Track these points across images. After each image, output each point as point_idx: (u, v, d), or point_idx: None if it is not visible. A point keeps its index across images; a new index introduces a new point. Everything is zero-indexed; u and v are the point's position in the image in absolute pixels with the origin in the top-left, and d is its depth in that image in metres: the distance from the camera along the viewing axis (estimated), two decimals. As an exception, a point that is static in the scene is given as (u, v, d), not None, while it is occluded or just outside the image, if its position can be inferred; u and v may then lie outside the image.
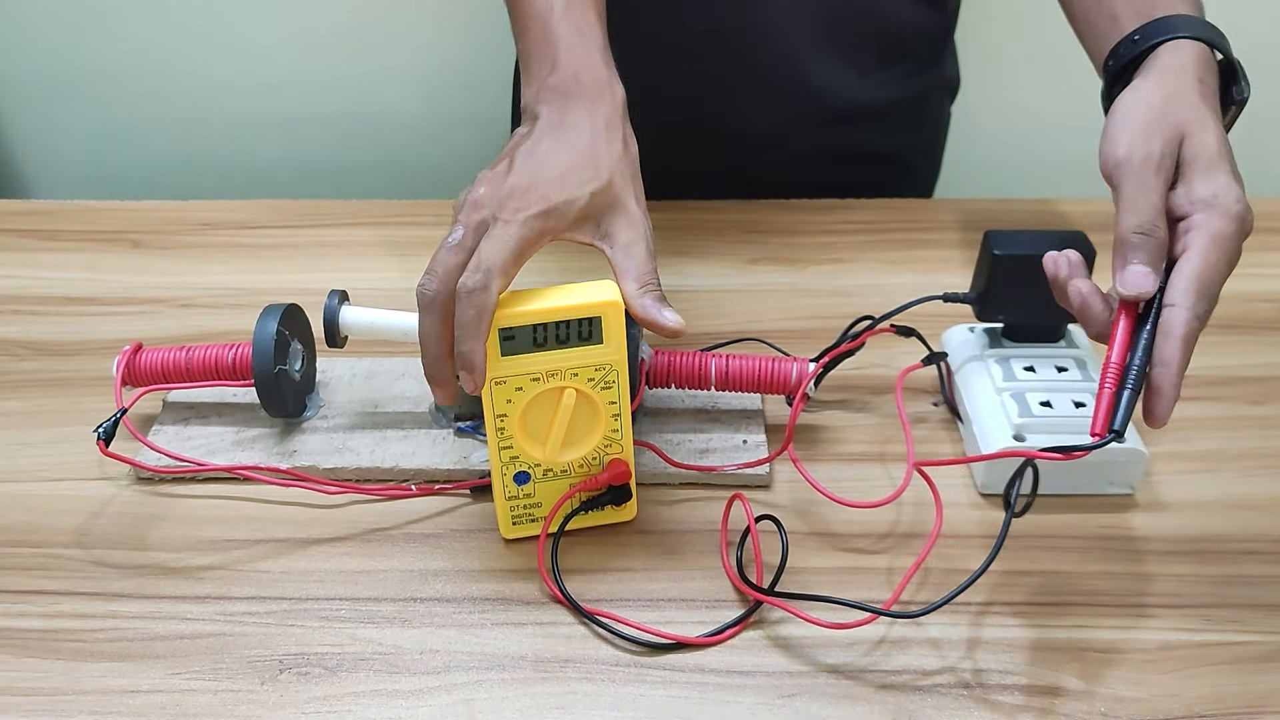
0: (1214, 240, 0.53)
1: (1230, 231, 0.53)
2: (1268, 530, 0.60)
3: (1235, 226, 0.53)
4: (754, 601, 0.55)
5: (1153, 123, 0.57)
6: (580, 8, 0.62)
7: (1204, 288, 0.52)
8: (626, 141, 0.59)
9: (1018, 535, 0.60)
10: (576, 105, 0.59)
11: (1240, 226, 0.54)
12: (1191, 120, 0.56)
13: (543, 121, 0.58)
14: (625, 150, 0.59)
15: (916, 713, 0.50)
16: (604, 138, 0.58)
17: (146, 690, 0.51)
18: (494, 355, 0.53)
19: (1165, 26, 0.62)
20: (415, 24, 1.24)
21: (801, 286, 0.81)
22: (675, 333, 0.55)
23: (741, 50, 0.84)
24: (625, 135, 0.59)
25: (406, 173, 1.33)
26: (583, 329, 0.54)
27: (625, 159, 0.58)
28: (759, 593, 0.54)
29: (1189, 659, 0.53)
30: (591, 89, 0.59)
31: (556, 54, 0.60)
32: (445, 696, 0.51)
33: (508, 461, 0.56)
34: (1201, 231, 0.53)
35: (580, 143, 0.57)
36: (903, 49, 0.89)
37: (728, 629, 0.54)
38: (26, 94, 1.30)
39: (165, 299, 0.79)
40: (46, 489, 0.62)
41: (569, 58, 0.60)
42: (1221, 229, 0.53)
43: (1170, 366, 0.51)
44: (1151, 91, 0.59)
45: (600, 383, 0.55)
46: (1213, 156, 0.55)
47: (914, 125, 0.96)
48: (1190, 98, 0.58)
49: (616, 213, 0.57)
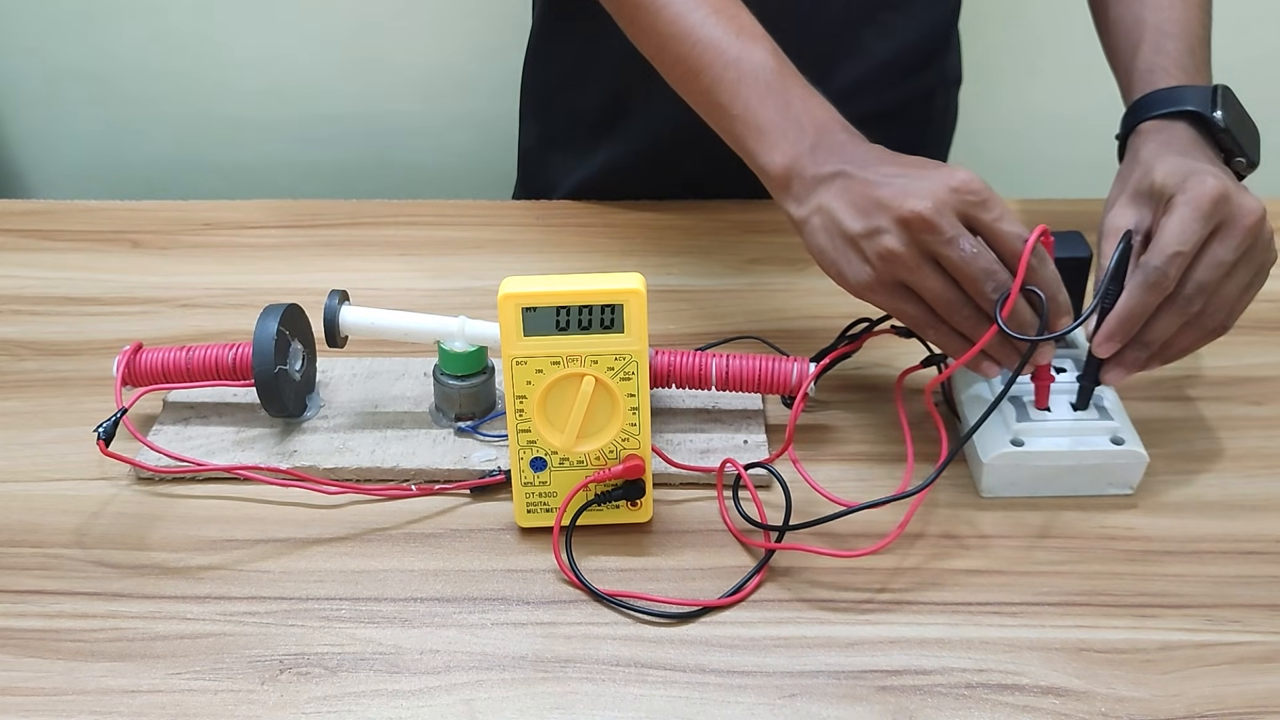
0: (1175, 210, 0.57)
1: (1189, 199, 0.57)
2: (1268, 530, 0.60)
3: (1193, 195, 0.57)
4: (764, 552, 0.56)
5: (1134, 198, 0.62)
6: (784, 59, 0.62)
7: (1157, 249, 0.57)
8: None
9: (1018, 535, 0.60)
10: (850, 149, 0.59)
11: (1203, 193, 0.57)
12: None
13: (852, 167, 0.58)
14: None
15: (916, 713, 0.50)
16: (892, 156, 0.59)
17: (146, 690, 0.51)
18: (515, 333, 0.54)
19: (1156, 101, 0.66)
20: (415, 24, 1.24)
21: (801, 286, 0.81)
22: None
23: None
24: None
25: (406, 173, 1.33)
26: (605, 316, 0.54)
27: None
28: (768, 536, 0.56)
29: (1189, 659, 0.53)
30: (845, 133, 0.60)
31: (800, 117, 0.60)
32: (445, 696, 0.51)
33: (525, 445, 0.57)
34: (1171, 202, 0.58)
35: (905, 159, 0.59)
36: (910, 50, 0.89)
37: (745, 584, 0.55)
38: (26, 94, 1.29)
39: (165, 299, 0.79)
40: (46, 489, 0.62)
41: (809, 118, 0.60)
42: (1181, 201, 0.57)
43: (1118, 308, 0.58)
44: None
45: (620, 373, 0.55)
46: (1167, 157, 0.61)
47: (919, 123, 0.96)
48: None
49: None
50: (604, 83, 0.90)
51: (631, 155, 0.92)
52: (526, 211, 0.92)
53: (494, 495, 0.62)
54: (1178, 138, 0.64)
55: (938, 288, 0.56)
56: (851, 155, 0.59)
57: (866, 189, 0.57)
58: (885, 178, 0.57)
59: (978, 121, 1.12)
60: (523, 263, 0.84)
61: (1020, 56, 1.27)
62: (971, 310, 0.56)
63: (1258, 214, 0.57)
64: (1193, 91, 0.66)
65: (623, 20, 0.68)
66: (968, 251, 0.54)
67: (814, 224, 0.59)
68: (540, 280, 0.54)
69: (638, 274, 0.55)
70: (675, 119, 0.71)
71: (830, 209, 0.58)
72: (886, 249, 0.55)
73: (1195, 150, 0.63)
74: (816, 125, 0.60)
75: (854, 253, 0.57)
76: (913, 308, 0.58)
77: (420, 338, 0.64)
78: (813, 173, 0.59)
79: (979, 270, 0.55)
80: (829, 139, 0.59)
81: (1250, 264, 0.59)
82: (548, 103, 0.97)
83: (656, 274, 0.82)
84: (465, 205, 0.92)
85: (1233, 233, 0.57)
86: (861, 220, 0.56)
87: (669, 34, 0.64)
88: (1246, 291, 0.60)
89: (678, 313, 0.78)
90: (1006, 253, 0.55)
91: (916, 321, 0.58)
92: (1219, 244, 0.57)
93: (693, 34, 0.63)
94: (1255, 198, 0.58)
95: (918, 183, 0.55)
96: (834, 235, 0.58)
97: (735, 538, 0.59)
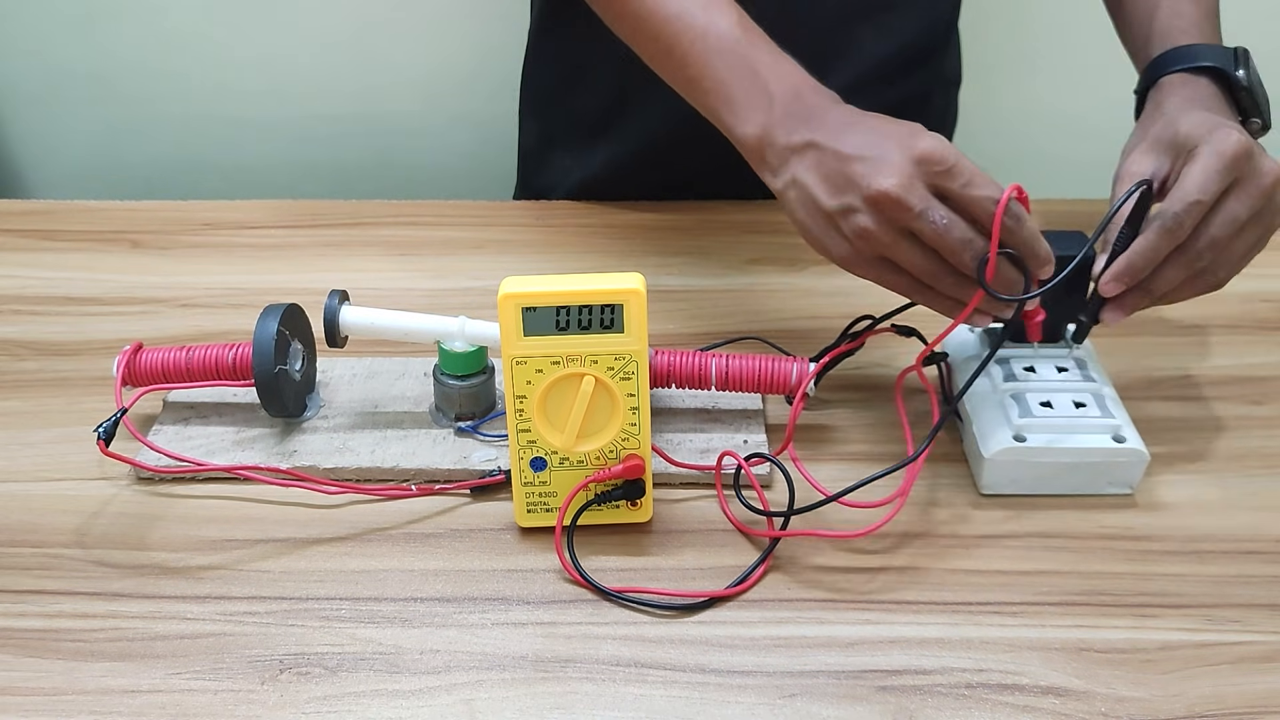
0: (1199, 160, 0.58)
1: (1214, 150, 0.58)
2: (1268, 530, 0.60)
3: (1217, 148, 0.58)
4: (769, 541, 0.57)
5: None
6: (751, 25, 0.62)
7: (1176, 196, 0.57)
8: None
9: (1018, 535, 0.60)
10: (819, 114, 0.59)
11: (1227, 147, 0.58)
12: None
13: (821, 137, 0.58)
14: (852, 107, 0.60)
15: (916, 713, 0.50)
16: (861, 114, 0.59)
17: (146, 690, 0.51)
18: (515, 333, 0.54)
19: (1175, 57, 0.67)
20: (415, 24, 1.24)
21: (801, 286, 0.81)
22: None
23: None
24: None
25: (406, 173, 1.33)
26: (605, 316, 0.54)
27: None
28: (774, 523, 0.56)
29: (1189, 659, 0.53)
30: (815, 95, 0.60)
31: (768, 85, 0.60)
32: (445, 696, 0.51)
33: (525, 445, 0.57)
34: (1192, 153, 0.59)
35: (872, 125, 0.58)
36: (908, 49, 0.89)
37: (750, 574, 0.55)
38: (26, 94, 1.29)
39: (165, 299, 0.79)
40: (46, 489, 0.62)
41: (778, 84, 0.60)
42: (1205, 151, 0.58)
43: (1130, 251, 0.59)
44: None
45: (620, 373, 0.55)
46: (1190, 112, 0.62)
47: None
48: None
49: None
50: (604, 83, 0.90)
51: (631, 155, 0.92)
52: (526, 211, 0.92)
53: (494, 495, 0.62)
54: (1201, 93, 0.64)
55: (917, 260, 0.56)
56: (821, 122, 0.58)
57: (838, 163, 0.56)
58: (855, 149, 0.56)
59: (978, 121, 1.12)
60: (523, 263, 0.84)
61: (1020, 56, 1.27)
62: (956, 276, 0.56)
63: (1276, 175, 0.58)
64: (1213, 49, 0.67)
65: (599, 6, 0.68)
66: (940, 223, 0.54)
67: (791, 197, 0.59)
68: (540, 280, 0.54)
69: (638, 274, 0.55)
70: (675, 119, 0.72)
71: (805, 183, 0.57)
72: (861, 227, 0.55)
73: (1218, 106, 0.64)
74: (785, 91, 0.60)
75: (831, 228, 0.57)
76: (897, 278, 0.58)
77: (420, 338, 0.64)
78: (784, 142, 0.59)
79: (955, 241, 0.54)
80: (798, 105, 0.59)
81: (1260, 224, 0.59)
82: (548, 103, 0.97)
83: (656, 274, 0.82)
84: (465, 205, 0.92)
85: (1250, 190, 0.58)
86: (835, 197, 0.56)
87: (643, 13, 0.64)
88: (1251, 250, 0.60)
89: (678, 313, 0.78)
90: (982, 216, 0.55)
91: (904, 289, 0.58)
92: (1235, 200, 0.58)
93: (664, 9, 0.63)
94: (1275, 160, 0.58)
95: (884, 156, 0.55)
96: (811, 210, 0.58)
97: (737, 528, 0.59)
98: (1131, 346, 0.74)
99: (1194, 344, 0.76)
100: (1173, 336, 0.77)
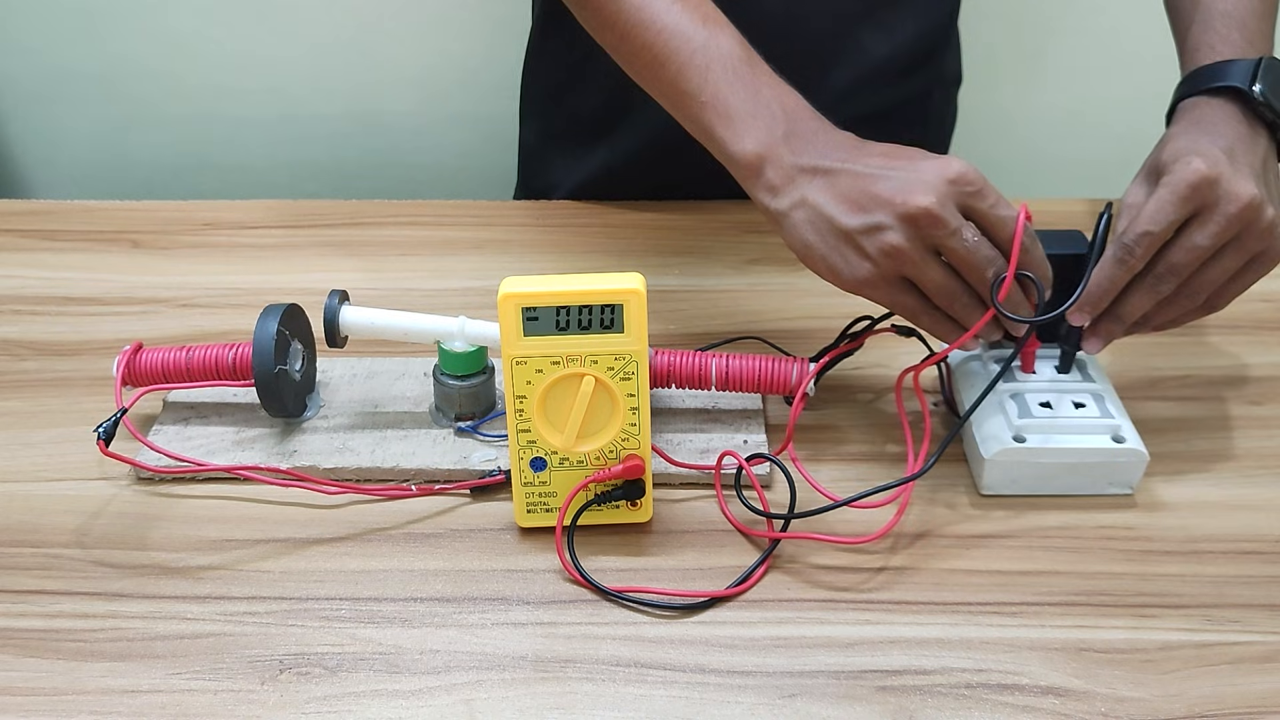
0: (1157, 190, 0.58)
1: (1170, 180, 0.57)
2: (1268, 530, 0.60)
3: (1174, 177, 0.57)
4: (768, 544, 0.57)
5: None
6: (750, 48, 0.62)
7: (1130, 227, 0.58)
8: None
9: (1018, 535, 0.60)
10: (823, 138, 0.59)
11: (1184, 177, 0.57)
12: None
13: (831, 159, 0.58)
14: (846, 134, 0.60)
15: (916, 713, 0.50)
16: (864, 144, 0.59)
17: (146, 690, 0.51)
18: (515, 333, 0.54)
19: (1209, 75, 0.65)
20: (415, 24, 1.24)
21: (801, 286, 0.81)
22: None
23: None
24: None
25: (406, 173, 1.33)
26: (605, 316, 0.54)
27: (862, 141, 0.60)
28: (773, 524, 0.57)
29: (1189, 659, 0.53)
30: (815, 120, 0.60)
31: (771, 104, 0.60)
32: (445, 696, 0.51)
33: (525, 445, 0.57)
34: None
35: (885, 149, 0.58)
36: (908, 49, 0.89)
37: (751, 574, 0.56)
38: (26, 94, 1.30)
39: (165, 299, 0.79)
40: (46, 489, 0.62)
41: (780, 104, 0.60)
42: (1163, 182, 0.58)
43: (1090, 280, 0.59)
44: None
45: (620, 373, 0.55)
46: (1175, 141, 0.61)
47: (918, 123, 0.96)
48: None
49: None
50: (604, 83, 0.90)
51: (631, 155, 0.92)
52: (526, 211, 0.92)
53: (494, 495, 0.62)
54: (1209, 115, 0.63)
55: (939, 279, 0.57)
56: (828, 145, 0.59)
57: (859, 182, 0.57)
58: (877, 170, 0.57)
59: (978, 121, 1.12)
60: (523, 263, 0.84)
61: (1020, 56, 1.27)
62: (969, 297, 0.58)
63: (1244, 201, 0.57)
64: (1235, 66, 0.65)
65: (584, 13, 0.68)
66: (971, 242, 0.55)
67: (797, 219, 0.58)
68: (540, 280, 0.54)
69: (638, 274, 0.55)
70: (674, 119, 0.71)
71: (817, 204, 0.57)
72: (890, 244, 0.55)
73: (1221, 128, 0.62)
74: (787, 112, 0.60)
75: (849, 248, 0.57)
76: (909, 298, 0.58)
77: (420, 338, 0.64)
78: (791, 162, 0.59)
79: (981, 259, 0.56)
80: (801, 126, 0.59)
81: (1240, 250, 0.59)
82: (548, 103, 0.97)
83: (656, 274, 0.82)
84: (465, 205, 0.92)
85: (1215, 218, 0.57)
86: (858, 216, 0.56)
87: (632, 23, 0.63)
88: (1237, 277, 0.60)
89: (678, 313, 0.78)
90: (1001, 237, 0.56)
91: (912, 311, 0.59)
92: (1196, 229, 0.58)
93: (657, 22, 0.62)
94: (1248, 185, 0.57)
95: (915, 176, 0.55)
96: (824, 231, 0.58)
97: (737, 529, 0.59)
98: (1131, 346, 0.74)
99: (1194, 344, 0.76)
100: (1173, 336, 0.77)
